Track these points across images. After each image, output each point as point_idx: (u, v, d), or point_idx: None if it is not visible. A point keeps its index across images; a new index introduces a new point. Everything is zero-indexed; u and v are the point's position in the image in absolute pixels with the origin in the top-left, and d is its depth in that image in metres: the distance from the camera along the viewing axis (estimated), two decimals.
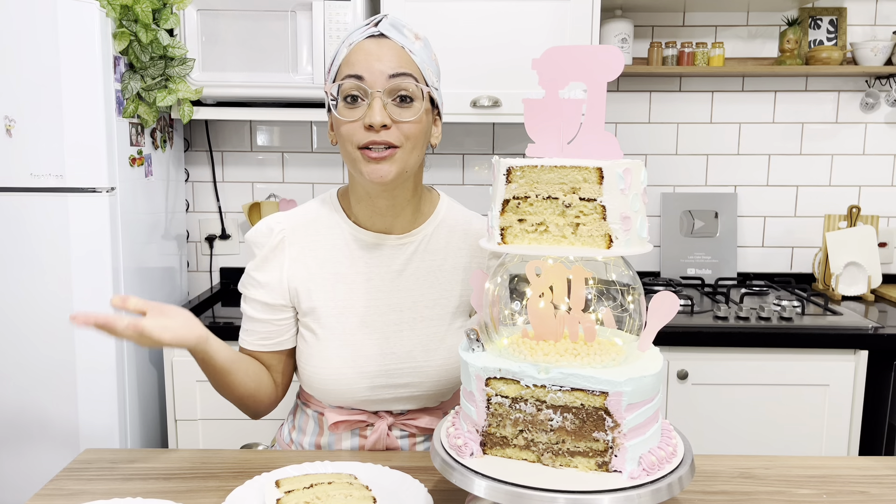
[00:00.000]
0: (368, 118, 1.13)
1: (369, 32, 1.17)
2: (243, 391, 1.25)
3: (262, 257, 1.26)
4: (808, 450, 2.06)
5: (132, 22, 2.00)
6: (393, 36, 1.17)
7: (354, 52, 1.17)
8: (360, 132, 1.15)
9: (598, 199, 0.88)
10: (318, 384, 1.25)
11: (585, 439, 0.89)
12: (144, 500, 1.06)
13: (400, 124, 1.15)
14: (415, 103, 1.16)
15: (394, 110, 1.15)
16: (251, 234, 1.28)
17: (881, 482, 1.15)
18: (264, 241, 1.26)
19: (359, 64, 1.15)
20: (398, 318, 1.25)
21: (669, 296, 0.91)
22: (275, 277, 1.26)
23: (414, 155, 1.18)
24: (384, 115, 1.13)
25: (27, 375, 2.00)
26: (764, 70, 2.42)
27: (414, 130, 1.16)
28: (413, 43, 1.19)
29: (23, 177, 1.93)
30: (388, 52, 1.15)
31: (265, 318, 1.27)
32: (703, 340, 2.02)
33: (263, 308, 1.27)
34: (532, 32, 2.16)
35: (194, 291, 2.64)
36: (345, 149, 1.18)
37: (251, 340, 1.29)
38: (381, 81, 1.14)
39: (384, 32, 1.17)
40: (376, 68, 1.14)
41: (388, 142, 1.14)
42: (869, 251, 2.44)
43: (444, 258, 1.28)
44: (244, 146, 2.60)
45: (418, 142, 1.18)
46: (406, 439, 1.30)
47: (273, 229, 1.27)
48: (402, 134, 1.16)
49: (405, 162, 1.17)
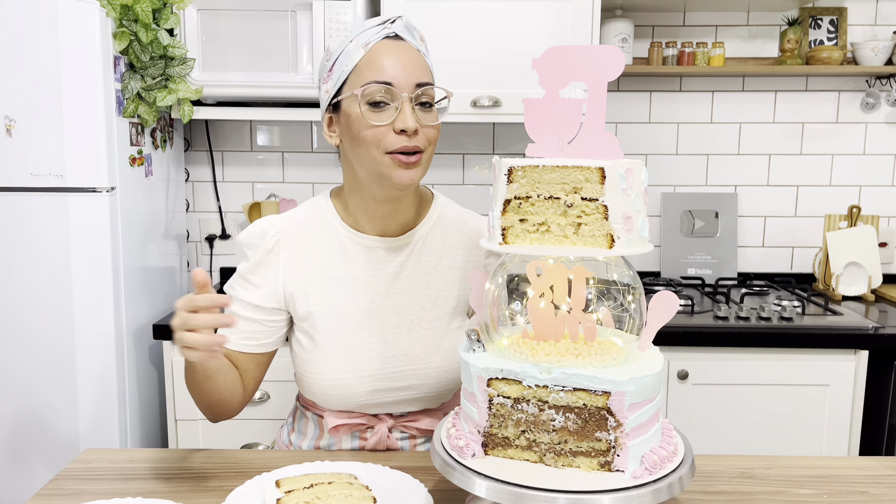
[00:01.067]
0: (401, 123, 1.12)
1: (385, 33, 1.16)
2: (218, 398, 1.20)
3: (255, 260, 1.24)
4: (808, 450, 2.06)
5: (132, 22, 2.00)
6: (407, 38, 1.17)
7: (377, 56, 1.15)
8: (391, 136, 1.13)
9: (600, 199, 0.88)
10: (318, 390, 1.24)
11: (588, 439, 0.88)
12: (144, 500, 1.06)
13: (425, 129, 1.16)
14: (434, 108, 1.18)
15: (420, 115, 1.15)
16: (243, 237, 1.26)
17: (881, 482, 1.15)
18: (258, 243, 1.24)
19: (387, 70, 1.14)
20: (396, 321, 1.24)
21: (669, 295, 0.91)
22: (269, 281, 1.24)
23: (430, 158, 1.20)
24: (415, 119, 1.14)
25: (27, 375, 2.00)
26: (764, 70, 2.42)
27: (435, 135, 1.18)
28: (421, 45, 1.20)
29: (23, 177, 1.93)
30: (412, 58, 1.16)
31: (254, 318, 1.24)
32: (704, 340, 2.02)
33: (254, 309, 1.24)
34: (532, 32, 2.16)
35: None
36: (368, 153, 1.15)
37: (236, 339, 1.24)
38: (410, 88, 1.14)
39: (399, 34, 1.17)
40: (404, 74, 1.14)
41: (417, 146, 1.15)
42: (869, 251, 2.44)
43: (441, 258, 1.27)
44: (244, 146, 2.60)
45: (434, 145, 1.20)
46: (406, 441, 1.29)
47: (267, 232, 1.24)
48: (426, 138, 1.16)
49: (426, 165, 1.19)
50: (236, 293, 1.25)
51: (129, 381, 2.07)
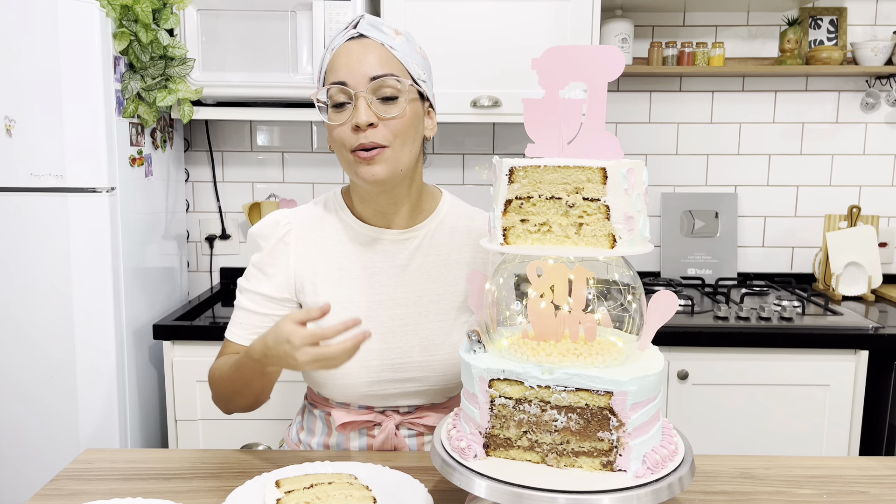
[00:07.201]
0: (354, 119, 1.15)
1: (349, 35, 1.19)
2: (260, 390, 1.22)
3: (268, 250, 1.27)
4: (808, 450, 2.06)
5: (132, 22, 2.00)
6: (372, 35, 1.18)
7: (336, 57, 1.18)
8: (350, 135, 1.17)
9: (601, 199, 0.88)
10: (322, 379, 1.26)
11: (590, 439, 0.88)
12: (144, 500, 1.06)
13: (387, 122, 1.16)
14: (399, 100, 1.17)
15: (379, 108, 1.16)
16: (256, 228, 1.29)
17: (881, 482, 1.15)
18: (270, 233, 1.27)
19: (341, 69, 1.17)
20: (403, 314, 1.26)
21: (668, 295, 0.91)
22: (281, 270, 1.27)
23: (405, 151, 1.19)
24: (369, 113, 1.15)
25: (27, 375, 1.99)
26: (764, 70, 2.42)
27: (400, 126, 1.17)
28: (394, 39, 1.19)
29: (23, 177, 1.93)
30: (369, 53, 1.17)
31: (265, 312, 1.27)
32: (704, 340, 2.02)
33: (265, 301, 1.27)
34: (532, 32, 2.16)
35: (194, 291, 2.63)
36: (340, 154, 1.20)
37: (244, 334, 1.26)
38: (363, 83, 1.15)
39: (363, 33, 1.18)
40: (357, 71, 1.15)
41: (375, 142, 1.16)
42: (869, 251, 2.44)
43: (449, 254, 1.29)
44: (244, 146, 2.60)
45: (407, 138, 1.19)
46: (414, 438, 1.30)
47: (279, 222, 1.28)
48: (390, 132, 1.17)
49: (396, 160, 1.18)
50: (251, 286, 1.28)
51: (129, 381, 2.07)
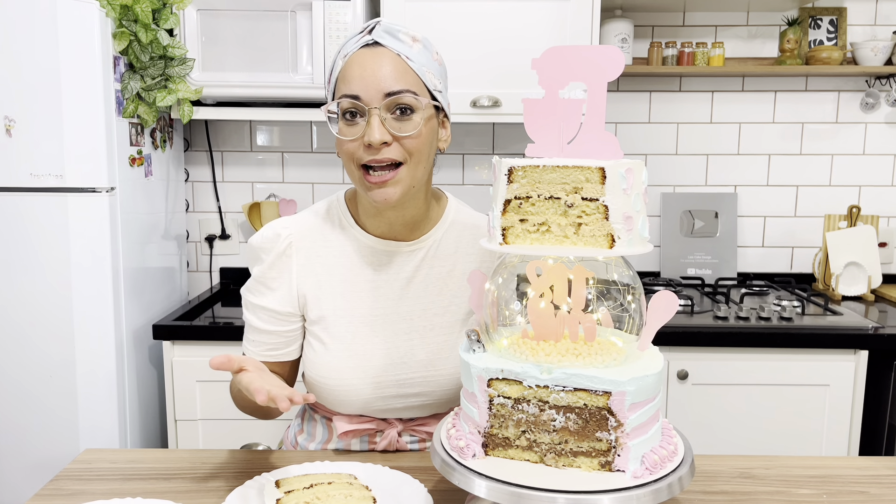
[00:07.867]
0: (368, 137, 1.09)
1: (363, 42, 1.12)
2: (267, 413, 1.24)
3: (269, 263, 1.22)
4: (808, 450, 2.06)
5: (132, 22, 2.00)
6: (388, 43, 1.12)
7: (349, 67, 1.12)
8: (361, 150, 1.11)
9: (600, 199, 0.88)
10: (325, 393, 1.23)
11: (588, 439, 0.88)
12: (144, 500, 1.06)
13: (403, 140, 1.11)
14: (415, 116, 1.11)
15: (393, 125, 1.10)
16: (257, 240, 1.24)
17: (881, 482, 1.15)
18: (271, 246, 1.22)
19: (354, 81, 1.10)
20: (408, 327, 1.23)
21: (668, 295, 0.91)
22: (284, 283, 1.22)
23: (420, 168, 1.14)
24: (383, 131, 1.09)
25: (27, 376, 1.99)
26: (764, 70, 2.42)
27: (416, 145, 1.12)
28: (410, 48, 1.13)
29: (23, 177, 1.93)
30: (384, 65, 1.10)
31: (273, 330, 1.23)
32: (703, 340, 2.02)
33: (271, 318, 1.23)
34: (532, 33, 2.16)
35: (194, 291, 2.63)
36: (349, 167, 1.15)
37: (258, 351, 1.25)
38: (378, 99, 1.09)
39: (378, 40, 1.12)
40: (372, 85, 1.09)
41: (390, 159, 1.11)
42: (869, 251, 2.44)
43: (454, 263, 1.25)
44: (244, 146, 2.60)
45: (423, 154, 1.14)
46: (416, 444, 1.28)
47: (280, 235, 1.22)
48: (405, 149, 1.11)
49: (412, 178, 1.13)
50: (255, 300, 1.24)
51: (128, 381, 2.07)
